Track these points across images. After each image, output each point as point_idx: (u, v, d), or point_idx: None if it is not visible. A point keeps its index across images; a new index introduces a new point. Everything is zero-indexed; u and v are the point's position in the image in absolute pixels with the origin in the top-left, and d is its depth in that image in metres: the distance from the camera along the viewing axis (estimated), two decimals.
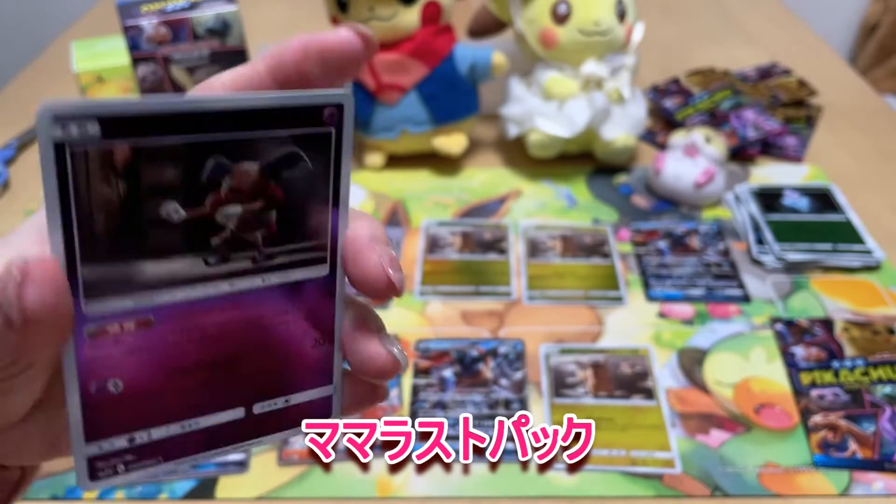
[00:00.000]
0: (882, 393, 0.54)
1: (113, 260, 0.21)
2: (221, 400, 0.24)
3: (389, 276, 0.23)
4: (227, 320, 0.23)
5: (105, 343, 0.22)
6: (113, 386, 0.22)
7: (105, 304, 0.21)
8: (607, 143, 0.78)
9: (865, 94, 0.95)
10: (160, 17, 0.67)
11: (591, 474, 0.50)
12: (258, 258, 0.23)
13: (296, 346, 0.24)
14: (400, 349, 0.25)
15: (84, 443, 0.22)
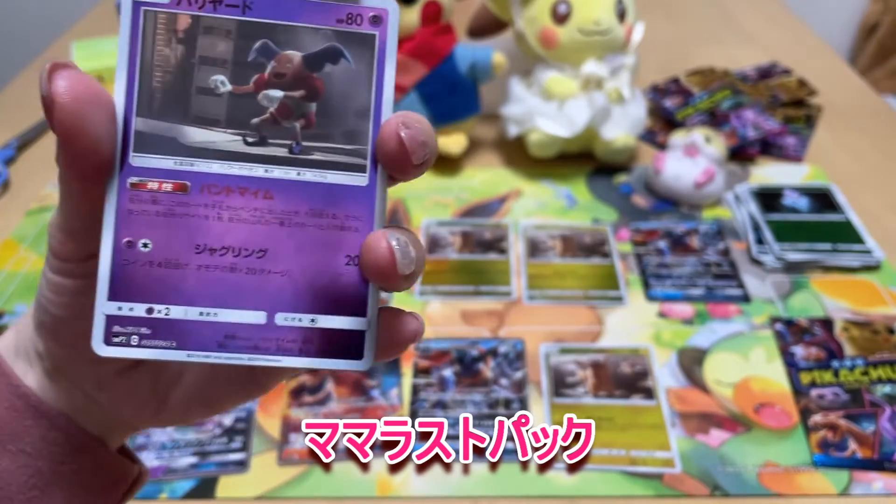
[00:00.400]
0: (882, 392, 0.54)
1: (162, 118, 0.23)
2: (244, 295, 0.24)
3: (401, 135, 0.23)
4: (258, 207, 0.24)
5: (143, 198, 0.23)
6: (143, 245, 0.23)
7: (149, 159, 0.23)
8: (607, 143, 0.78)
9: (865, 94, 0.95)
10: None
11: (591, 474, 0.50)
12: (294, 148, 0.24)
13: (327, 258, 0.24)
14: (403, 243, 0.23)
15: (106, 299, 0.23)
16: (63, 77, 0.21)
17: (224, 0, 0.23)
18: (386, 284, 0.24)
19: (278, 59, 0.23)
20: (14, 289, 0.66)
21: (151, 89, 0.23)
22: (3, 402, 0.26)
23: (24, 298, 0.65)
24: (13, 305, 0.65)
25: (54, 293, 0.25)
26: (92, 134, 0.22)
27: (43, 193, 0.79)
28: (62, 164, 0.22)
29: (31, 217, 0.76)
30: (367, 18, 0.24)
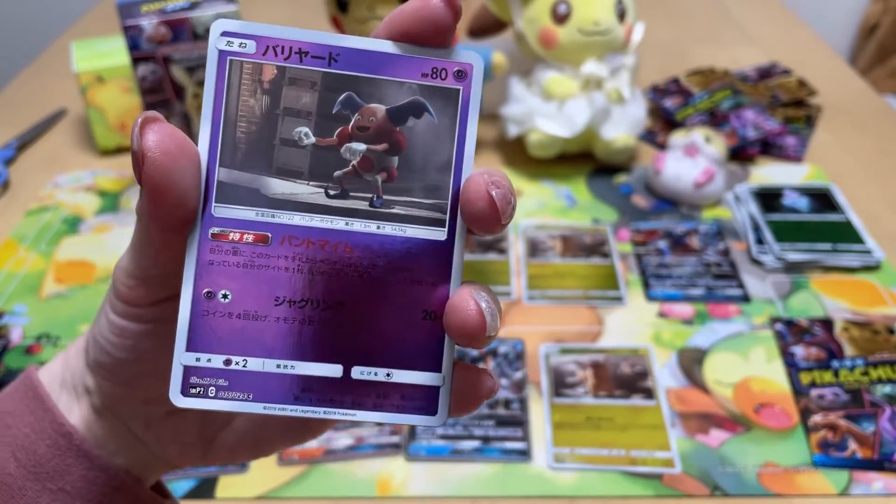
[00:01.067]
0: (882, 393, 0.54)
1: (245, 169, 0.23)
2: (321, 348, 0.24)
3: (491, 194, 0.22)
4: (338, 260, 0.24)
5: (224, 248, 0.23)
6: (223, 296, 0.23)
7: (231, 209, 0.23)
8: (607, 143, 0.78)
9: (865, 94, 0.95)
10: (160, 16, 0.67)
11: (591, 474, 0.50)
12: (375, 202, 0.24)
13: (404, 313, 0.24)
14: (490, 304, 0.23)
15: (185, 349, 0.23)
16: (154, 131, 0.21)
17: (310, 52, 0.23)
18: (470, 345, 0.23)
19: (362, 112, 0.24)
20: (14, 289, 0.66)
21: (235, 140, 0.23)
22: (46, 439, 0.27)
23: (23, 298, 0.65)
24: (13, 305, 0.65)
25: (117, 336, 0.25)
26: (180, 187, 0.22)
27: (43, 193, 0.79)
28: (147, 215, 0.22)
29: (31, 217, 0.76)
30: (452, 73, 0.24)
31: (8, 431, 0.27)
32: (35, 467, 0.27)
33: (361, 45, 0.23)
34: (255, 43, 0.23)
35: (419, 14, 0.23)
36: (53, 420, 0.27)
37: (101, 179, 0.81)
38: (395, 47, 0.23)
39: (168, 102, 0.71)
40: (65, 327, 0.62)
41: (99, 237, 0.73)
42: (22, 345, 0.61)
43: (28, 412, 0.27)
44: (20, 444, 0.27)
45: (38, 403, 0.27)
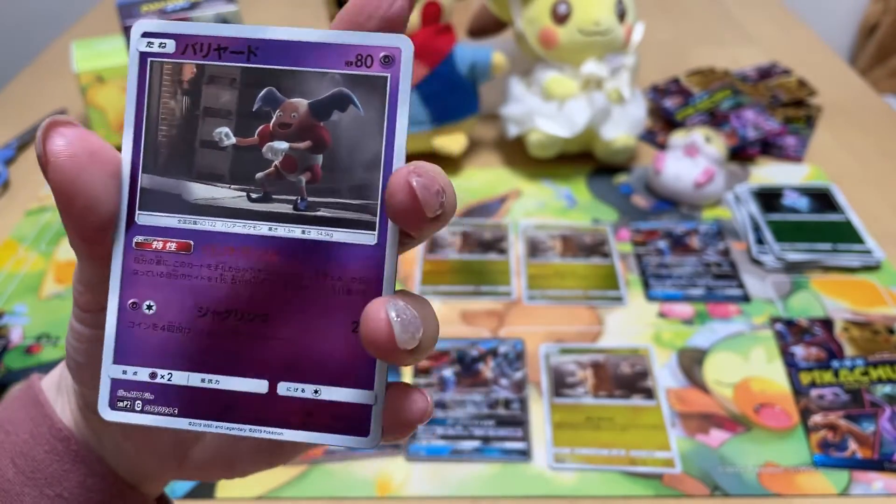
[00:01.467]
0: (882, 393, 0.54)
1: (167, 174, 0.22)
2: (246, 363, 0.23)
3: (411, 183, 0.20)
4: (262, 268, 0.22)
5: (148, 257, 0.23)
6: (147, 307, 0.23)
7: (155, 217, 0.23)
8: (607, 143, 0.78)
9: (865, 94, 0.95)
10: (160, 17, 0.67)
11: (591, 474, 0.50)
12: (300, 204, 0.22)
13: (332, 325, 0.22)
14: (406, 315, 0.21)
15: (111, 361, 0.23)
16: (60, 135, 0.21)
17: (229, 47, 0.22)
18: (385, 358, 0.21)
19: (284, 108, 0.22)
20: (14, 289, 0.66)
21: (157, 144, 0.22)
22: (45, 444, 0.27)
23: (23, 298, 0.65)
24: (13, 305, 0.65)
25: (77, 340, 0.25)
26: (88, 193, 0.21)
27: (43, 193, 0.79)
28: (64, 223, 0.22)
29: (31, 217, 0.76)
30: (378, 59, 0.22)
31: (7, 438, 0.27)
32: (33, 473, 0.26)
33: (281, 35, 0.22)
34: (174, 42, 0.22)
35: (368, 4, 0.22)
36: (52, 426, 0.27)
37: None
38: (316, 35, 0.22)
39: None
40: (65, 327, 0.62)
41: None
42: (22, 345, 0.61)
43: (28, 419, 0.27)
44: (19, 449, 0.27)
45: (38, 409, 0.27)
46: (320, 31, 0.22)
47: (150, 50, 0.22)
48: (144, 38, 0.22)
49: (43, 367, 0.58)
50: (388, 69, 0.22)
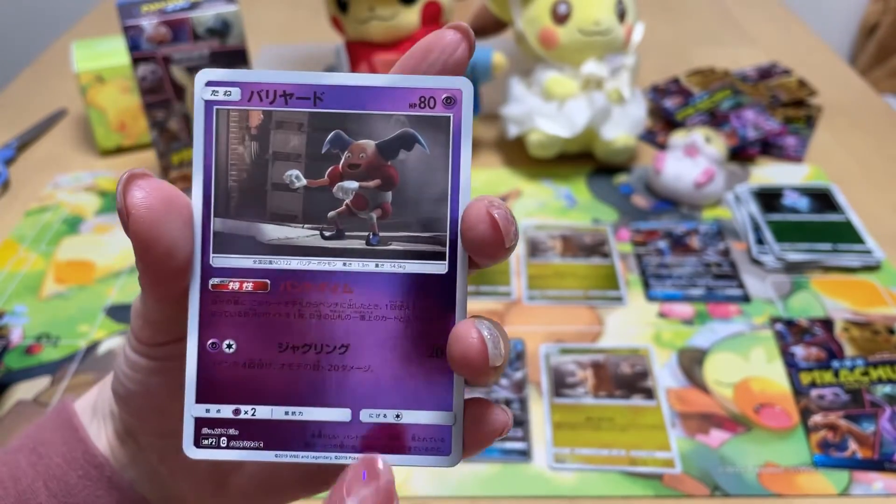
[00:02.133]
0: (882, 393, 0.54)
1: (240, 217, 0.23)
2: (328, 393, 0.23)
3: (493, 214, 0.22)
4: (339, 302, 0.23)
5: (224, 298, 0.23)
6: (227, 346, 0.23)
7: (229, 259, 0.23)
8: (607, 143, 0.78)
9: (865, 94, 0.95)
10: (160, 17, 0.67)
11: (591, 474, 0.50)
12: (371, 239, 0.23)
13: (410, 351, 0.23)
14: (494, 334, 0.22)
15: (194, 401, 0.23)
16: (139, 188, 0.22)
17: (295, 93, 0.23)
18: (474, 377, 0.22)
19: (352, 150, 0.23)
20: (14, 289, 0.66)
21: (228, 189, 0.23)
22: (78, 469, 0.27)
23: (23, 298, 0.65)
24: (13, 305, 0.65)
25: (131, 369, 0.26)
26: (167, 241, 0.22)
27: (43, 193, 0.79)
28: (139, 269, 0.23)
29: (31, 217, 0.76)
30: (441, 101, 0.23)
31: (41, 461, 0.27)
32: (66, 497, 0.27)
33: (345, 81, 0.23)
34: (239, 90, 0.23)
35: (433, 47, 0.23)
36: (86, 450, 0.27)
37: (102, 179, 0.81)
38: (381, 79, 0.23)
39: (168, 102, 0.71)
40: (65, 327, 0.62)
41: (99, 237, 0.73)
42: (22, 345, 0.61)
43: (62, 442, 0.28)
44: (52, 473, 0.27)
45: (72, 433, 0.28)
46: (384, 76, 0.23)
47: (215, 98, 0.23)
48: (209, 86, 0.23)
49: (43, 366, 0.58)
50: (451, 109, 0.23)
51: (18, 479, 0.27)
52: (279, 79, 0.23)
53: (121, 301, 0.65)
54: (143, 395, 0.26)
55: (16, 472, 0.27)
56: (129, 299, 0.65)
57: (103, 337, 0.61)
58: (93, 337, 0.61)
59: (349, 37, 0.79)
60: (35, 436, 0.28)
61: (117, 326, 0.62)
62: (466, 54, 0.23)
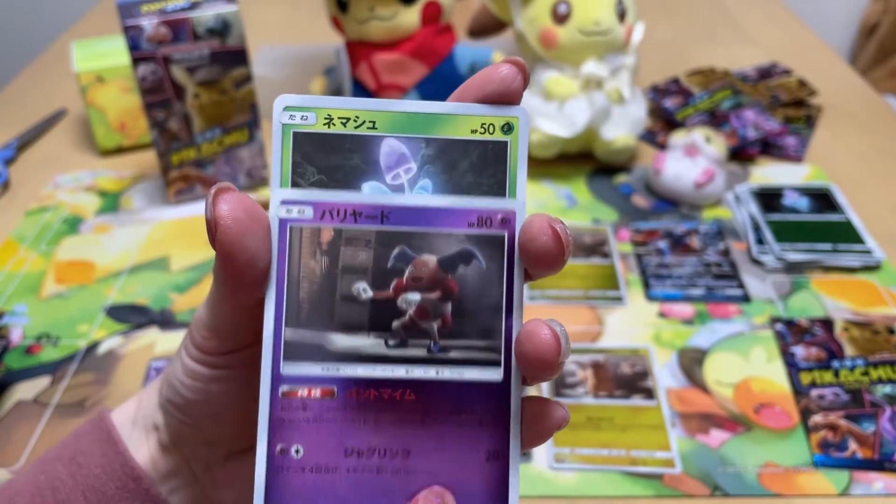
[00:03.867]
0: (882, 393, 0.54)
1: (309, 326, 0.24)
2: (389, 496, 0.24)
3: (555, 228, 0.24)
4: (401, 408, 0.24)
5: (293, 405, 0.24)
6: (295, 452, 0.24)
7: (298, 366, 0.24)
8: (607, 143, 0.78)
9: (865, 94, 0.95)
10: (160, 17, 0.67)
11: (591, 474, 0.50)
12: (433, 348, 0.25)
13: (467, 455, 0.24)
14: (563, 331, 0.24)
15: None
16: (225, 200, 0.23)
17: (364, 212, 0.25)
18: (543, 372, 0.24)
19: (415, 264, 0.25)
20: (14, 289, 0.66)
21: (299, 300, 0.24)
22: (117, 480, 0.28)
23: (23, 298, 0.65)
24: (13, 305, 0.65)
25: (190, 378, 0.27)
26: (250, 251, 0.23)
27: (43, 193, 0.79)
28: (221, 277, 0.24)
29: (31, 217, 0.76)
30: (497, 221, 0.25)
31: (80, 471, 0.28)
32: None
33: (411, 202, 0.25)
34: (312, 209, 0.25)
35: (491, 79, 0.25)
36: (125, 463, 0.28)
37: (102, 179, 0.81)
38: (443, 200, 0.25)
39: (168, 102, 0.71)
40: (65, 327, 0.62)
41: (99, 237, 0.73)
42: (22, 345, 0.61)
43: (100, 454, 0.29)
44: (90, 483, 0.28)
45: (111, 446, 0.29)
46: (446, 196, 0.25)
47: (289, 216, 0.25)
48: (284, 205, 0.25)
49: (43, 366, 0.58)
50: (505, 228, 0.25)
51: (57, 489, 0.28)
52: (349, 199, 0.25)
53: (121, 301, 0.65)
54: (202, 403, 0.27)
55: (55, 482, 0.28)
56: (129, 299, 0.65)
57: (103, 337, 0.61)
58: (93, 337, 0.61)
59: (349, 37, 0.79)
60: (73, 446, 0.29)
61: (117, 326, 0.62)
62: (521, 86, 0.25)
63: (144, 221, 0.75)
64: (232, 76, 0.72)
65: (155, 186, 0.80)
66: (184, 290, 0.66)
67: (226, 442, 0.29)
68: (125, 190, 0.79)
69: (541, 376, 0.24)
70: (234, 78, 0.72)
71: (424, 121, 0.25)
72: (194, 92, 0.71)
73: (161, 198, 0.78)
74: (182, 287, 0.66)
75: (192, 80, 0.71)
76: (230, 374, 0.27)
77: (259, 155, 0.77)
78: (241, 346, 0.27)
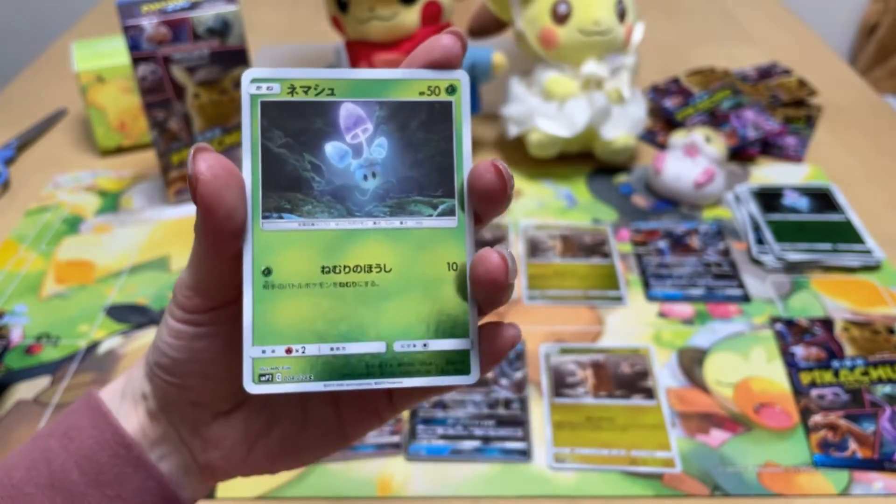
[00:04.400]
0: (882, 392, 0.54)
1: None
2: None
3: (497, 165, 0.26)
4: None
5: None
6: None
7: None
8: (607, 143, 0.78)
9: (865, 94, 0.95)
10: (160, 16, 0.67)
11: (591, 474, 0.50)
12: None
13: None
14: (510, 254, 0.27)
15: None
16: (204, 159, 0.25)
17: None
18: (494, 293, 0.27)
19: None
20: (14, 289, 0.66)
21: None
22: (108, 449, 0.30)
23: (23, 298, 0.65)
24: (13, 305, 0.65)
25: (174, 338, 0.28)
26: (229, 204, 0.25)
27: (43, 193, 0.79)
28: (202, 231, 0.26)
29: (31, 217, 0.76)
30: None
31: (72, 444, 0.30)
32: (97, 475, 0.29)
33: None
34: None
35: (434, 47, 0.28)
36: (116, 432, 0.30)
37: (102, 179, 0.81)
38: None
39: (168, 102, 0.71)
40: (65, 327, 0.62)
41: (99, 237, 0.73)
42: (22, 345, 0.61)
43: (91, 426, 0.30)
44: (83, 454, 0.29)
45: (101, 417, 0.30)
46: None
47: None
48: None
49: (43, 366, 0.58)
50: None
51: (51, 461, 0.29)
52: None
53: (121, 301, 0.65)
54: (188, 361, 0.29)
55: (48, 455, 0.29)
56: (129, 299, 0.65)
57: (103, 337, 0.61)
58: (93, 337, 0.61)
59: (349, 37, 0.79)
60: (65, 422, 0.30)
61: (117, 326, 0.62)
62: (461, 53, 0.28)
63: (144, 221, 0.75)
64: (232, 76, 0.72)
65: (155, 186, 0.80)
66: None
67: (212, 402, 0.30)
68: (125, 190, 0.79)
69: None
70: (234, 78, 0.72)
71: (378, 86, 0.28)
72: (194, 92, 0.71)
73: (161, 198, 0.78)
74: None
75: (192, 79, 0.71)
76: (213, 331, 0.28)
77: None
78: (223, 302, 0.28)
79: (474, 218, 0.28)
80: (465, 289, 0.28)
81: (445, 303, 0.28)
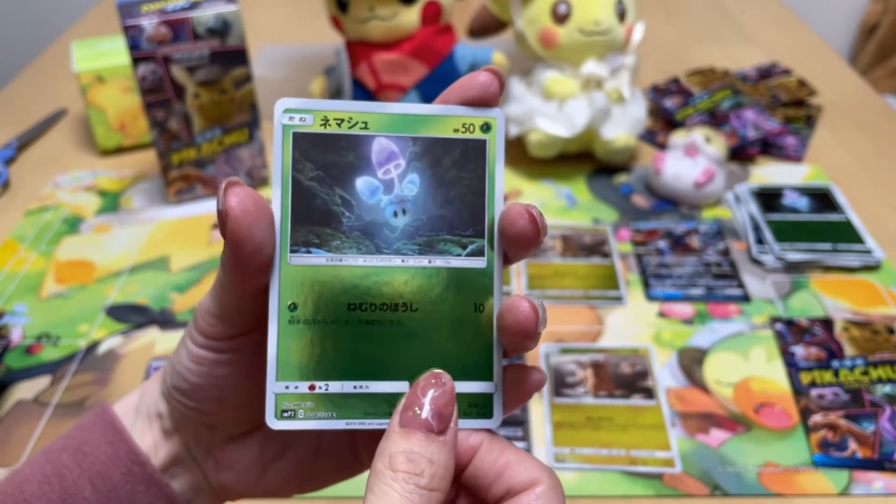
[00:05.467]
0: (882, 392, 0.54)
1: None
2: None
3: (531, 213, 0.26)
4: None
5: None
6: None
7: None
8: (607, 143, 0.78)
9: (865, 94, 0.95)
10: (160, 16, 0.67)
11: (591, 474, 0.50)
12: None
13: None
14: (540, 303, 0.26)
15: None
16: (235, 193, 0.25)
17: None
18: (522, 341, 0.26)
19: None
20: (14, 289, 0.66)
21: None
22: (122, 467, 0.29)
23: (23, 298, 0.65)
24: (13, 305, 0.65)
25: (195, 364, 0.28)
26: (257, 240, 0.25)
27: (43, 193, 0.79)
28: (230, 265, 0.26)
29: (31, 217, 0.76)
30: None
31: (85, 459, 0.29)
32: (109, 492, 0.29)
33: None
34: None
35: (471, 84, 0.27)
36: (130, 450, 0.30)
37: (102, 179, 0.81)
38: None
39: (168, 102, 0.71)
40: (65, 327, 0.62)
41: (99, 237, 0.73)
42: (22, 345, 0.61)
43: (105, 442, 0.30)
44: (97, 470, 0.29)
45: (115, 434, 0.30)
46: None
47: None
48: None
49: (43, 366, 0.58)
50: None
51: (63, 476, 0.29)
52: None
53: (121, 301, 0.65)
54: (207, 387, 0.29)
55: (60, 470, 0.29)
56: (129, 299, 0.65)
57: (103, 337, 0.61)
58: (93, 337, 0.61)
59: (349, 37, 0.79)
60: (77, 437, 0.30)
61: (117, 326, 0.62)
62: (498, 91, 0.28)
63: (144, 221, 0.75)
64: (232, 76, 0.72)
65: (155, 186, 0.80)
66: (184, 290, 0.66)
67: (228, 425, 0.30)
68: (125, 190, 0.79)
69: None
70: (234, 78, 0.72)
71: (412, 121, 0.27)
72: (194, 92, 0.71)
73: (161, 198, 0.78)
74: (182, 287, 0.66)
75: (192, 79, 0.71)
76: (235, 358, 0.28)
77: (259, 155, 0.77)
78: (246, 330, 0.28)
79: (503, 258, 0.28)
80: (492, 331, 0.27)
81: (470, 345, 0.27)
